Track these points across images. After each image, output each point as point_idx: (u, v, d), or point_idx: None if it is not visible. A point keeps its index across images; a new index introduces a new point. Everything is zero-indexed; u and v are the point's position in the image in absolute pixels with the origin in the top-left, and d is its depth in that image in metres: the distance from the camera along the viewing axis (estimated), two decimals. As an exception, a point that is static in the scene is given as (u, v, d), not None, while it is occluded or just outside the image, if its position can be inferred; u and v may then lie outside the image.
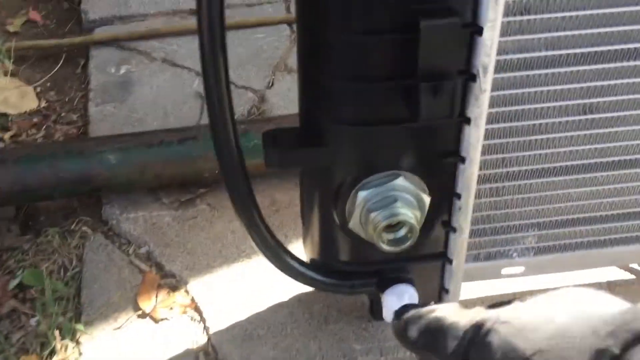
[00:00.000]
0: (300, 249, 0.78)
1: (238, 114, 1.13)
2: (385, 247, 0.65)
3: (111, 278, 0.88)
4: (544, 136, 0.68)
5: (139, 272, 0.89)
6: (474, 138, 0.63)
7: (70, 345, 0.81)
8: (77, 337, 0.82)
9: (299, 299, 0.86)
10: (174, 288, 0.87)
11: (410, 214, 0.64)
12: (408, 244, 0.66)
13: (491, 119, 0.65)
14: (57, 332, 0.81)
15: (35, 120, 1.12)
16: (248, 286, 0.87)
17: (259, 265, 0.90)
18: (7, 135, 1.08)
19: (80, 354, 0.80)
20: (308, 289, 0.86)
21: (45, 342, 0.81)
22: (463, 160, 0.65)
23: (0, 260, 0.91)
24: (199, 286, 0.87)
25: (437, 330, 0.42)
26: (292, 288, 0.87)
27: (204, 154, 0.95)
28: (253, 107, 1.16)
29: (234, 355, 0.80)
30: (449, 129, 0.63)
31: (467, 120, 0.62)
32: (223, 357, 0.80)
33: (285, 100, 1.18)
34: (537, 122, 0.67)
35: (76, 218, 0.95)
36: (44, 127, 1.11)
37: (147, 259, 0.91)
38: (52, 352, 0.80)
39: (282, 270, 0.72)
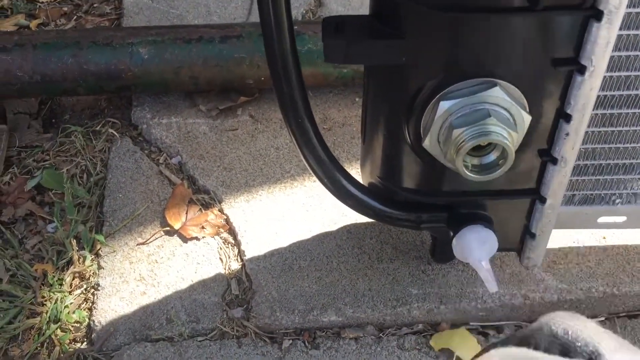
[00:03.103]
0: (355, 174, 0.65)
1: (290, 17, 0.98)
2: (469, 175, 0.52)
3: (138, 188, 0.78)
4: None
5: (169, 185, 0.79)
6: (603, 40, 0.48)
7: (89, 257, 0.72)
8: (97, 249, 0.73)
9: (349, 230, 0.74)
10: (206, 205, 0.77)
11: (505, 134, 0.50)
12: (498, 172, 0.52)
13: (627, 23, 0.49)
14: (74, 242, 0.72)
15: (65, 9, 1.00)
16: (291, 211, 0.76)
17: (305, 189, 0.78)
18: (33, 23, 0.97)
19: (99, 267, 0.71)
20: (360, 220, 0.74)
21: (62, 251, 0.73)
22: (582, 70, 0.50)
23: (19, 158, 0.82)
24: (235, 206, 0.76)
25: None
26: (341, 218, 0.75)
27: (249, 57, 0.81)
28: (308, 12, 1.01)
29: (271, 286, 0.70)
30: (571, 26, 0.48)
31: (598, 15, 0.47)
32: (258, 287, 0.70)
33: (345, 6, 1.02)
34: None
35: (103, 119, 0.85)
36: (75, 17, 0.99)
37: (178, 170, 0.80)
38: (69, 263, 0.72)
39: (335, 194, 0.60)
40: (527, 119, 0.52)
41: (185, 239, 0.74)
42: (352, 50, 0.50)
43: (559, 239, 0.74)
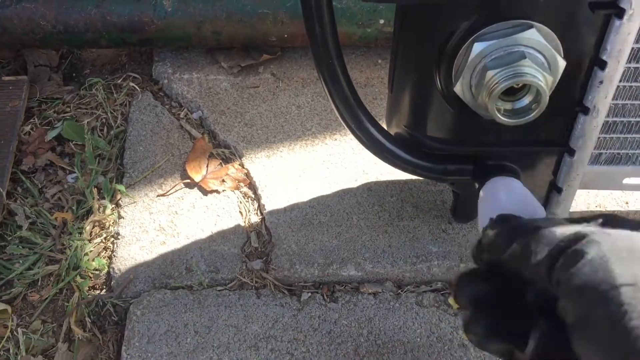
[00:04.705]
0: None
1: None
2: (501, 118, 0.51)
3: (158, 141, 0.77)
4: None
5: (190, 139, 0.78)
6: (643, -18, 0.47)
7: (109, 206, 0.72)
8: (117, 199, 0.72)
9: (370, 188, 0.74)
10: (227, 160, 0.76)
11: (540, 77, 0.49)
12: (531, 116, 0.51)
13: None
14: (95, 191, 0.72)
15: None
16: (311, 168, 0.75)
17: (326, 147, 0.77)
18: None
19: (119, 216, 0.71)
20: (381, 178, 0.74)
21: (82, 200, 0.73)
22: (621, 13, 0.49)
23: (39, 109, 0.82)
24: (255, 161, 0.76)
25: (529, 235, 0.33)
26: (362, 175, 0.74)
27: (272, 13, 0.81)
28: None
29: (290, 240, 0.69)
30: (611, -34, 0.47)
31: (639, -45, 0.45)
32: (277, 240, 0.69)
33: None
34: None
35: (124, 73, 0.85)
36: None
37: (199, 125, 0.80)
38: (89, 212, 0.71)
39: (361, 139, 0.59)
40: (562, 63, 0.51)
41: (205, 192, 0.73)
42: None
43: (582, 204, 0.73)
